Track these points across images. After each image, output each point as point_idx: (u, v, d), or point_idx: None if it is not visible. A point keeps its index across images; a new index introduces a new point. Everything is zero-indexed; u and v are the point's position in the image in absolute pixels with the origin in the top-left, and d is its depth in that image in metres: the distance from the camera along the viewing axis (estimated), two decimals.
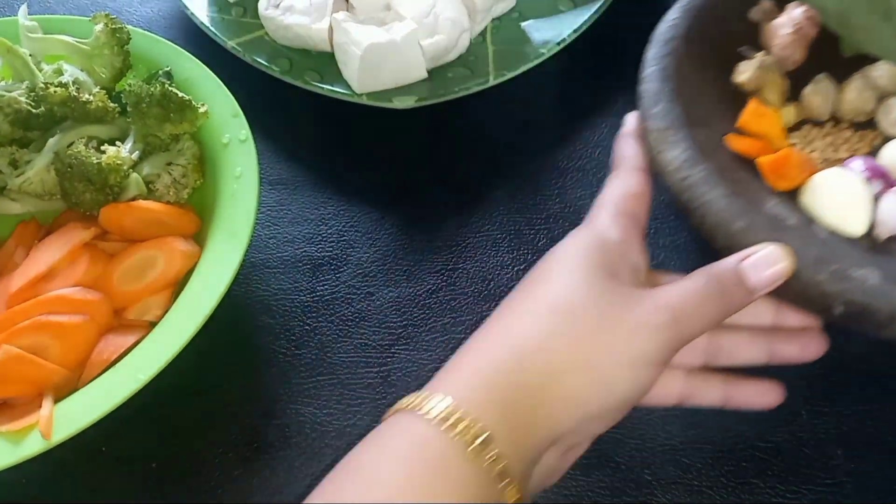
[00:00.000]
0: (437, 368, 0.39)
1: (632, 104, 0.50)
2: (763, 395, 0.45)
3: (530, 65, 0.64)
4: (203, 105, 0.58)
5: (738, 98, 0.52)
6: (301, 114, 0.67)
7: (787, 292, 0.42)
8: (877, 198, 0.47)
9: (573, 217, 0.62)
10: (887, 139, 0.50)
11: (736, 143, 0.49)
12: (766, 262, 0.40)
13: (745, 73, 0.52)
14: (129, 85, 0.56)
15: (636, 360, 0.37)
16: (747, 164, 0.49)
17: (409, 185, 0.65)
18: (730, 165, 0.48)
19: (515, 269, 0.59)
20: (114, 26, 0.59)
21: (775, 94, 0.52)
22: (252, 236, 0.52)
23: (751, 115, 0.50)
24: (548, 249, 0.43)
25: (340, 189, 0.64)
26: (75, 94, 0.55)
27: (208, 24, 0.68)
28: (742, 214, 0.43)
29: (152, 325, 0.51)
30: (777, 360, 0.45)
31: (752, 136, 0.50)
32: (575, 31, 0.66)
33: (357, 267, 0.59)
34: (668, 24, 0.53)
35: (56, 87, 0.54)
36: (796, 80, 0.53)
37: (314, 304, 0.58)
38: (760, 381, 0.45)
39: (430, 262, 0.60)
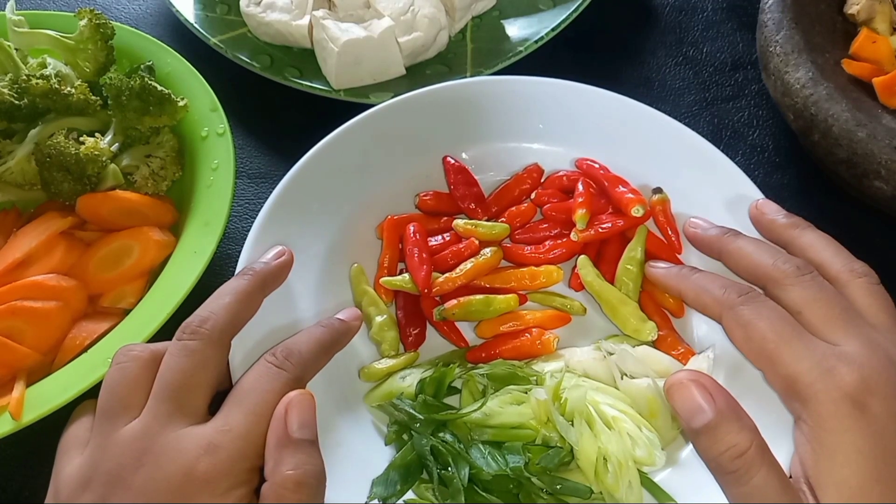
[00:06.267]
0: None
1: None
2: None
3: (506, 63, 0.65)
4: (182, 99, 0.59)
5: (849, 28, 0.61)
6: (281, 109, 0.69)
7: None
8: None
9: None
10: None
11: (851, 66, 0.58)
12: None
13: (856, 4, 0.59)
14: (110, 78, 0.57)
15: None
16: (861, 86, 0.57)
17: None
18: (846, 86, 0.56)
19: None
20: (98, 22, 0.60)
21: (885, 24, 0.59)
22: (227, 228, 0.53)
23: (863, 42, 0.58)
24: None
25: None
26: (56, 86, 0.56)
27: (193, 22, 0.69)
28: (864, 124, 0.52)
29: (126, 312, 0.52)
30: None
31: (864, 60, 0.58)
32: (553, 29, 0.67)
33: None
34: None
35: (38, 79, 0.56)
36: None
37: None
38: None
39: None
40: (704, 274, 0.46)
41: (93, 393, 0.45)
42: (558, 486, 0.42)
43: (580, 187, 0.53)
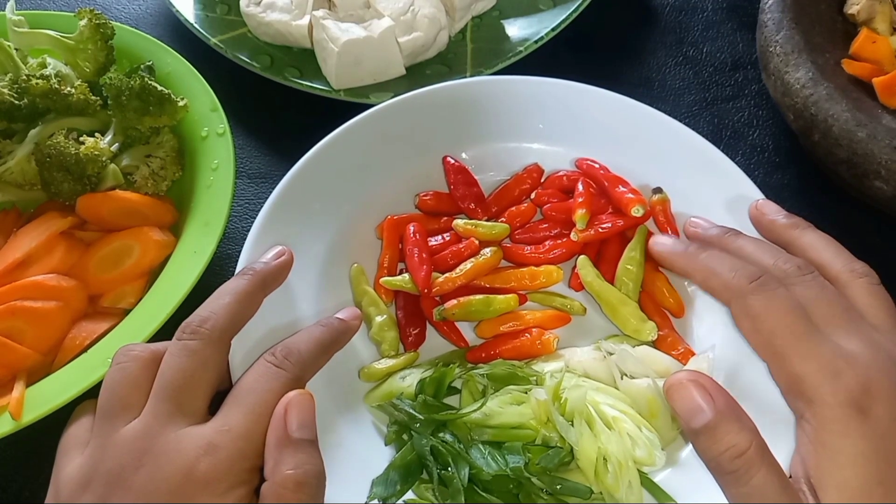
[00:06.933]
0: None
1: None
2: None
3: (506, 63, 0.65)
4: (182, 99, 0.59)
5: (849, 28, 0.61)
6: (281, 109, 0.69)
7: None
8: None
9: None
10: None
11: (851, 67, 0.58)
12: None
13: (856, 4, 0.59)
14: (110, 78, 0.57)
15: None
16: (862, 86, 0.57)
17: None
18: (846, 86, 0.56)
19: None
20: (98, 22, 0.60)
21: (885, 24, 0.59)
22: (227, 228, 0.53)
23: (863, 42, 0.58)
24: None
25: None
26: (56, 86, 0.56)
27: (193, 22, 0.69)
28: (864, 125, 0.52)
29: (126, 312, 0.52)
30: None
31: (865, 61, 0.58)
32: (553, 29, 0.67)
33: None
34: None
35: (38, 79, 0.56)
36: None
37: None
38: None
39: None
40: (712, 254, 0.45)
41: (93, 393, 0.45)
42: (558, 487, 0.42)
43: (580, 187, 0.53)
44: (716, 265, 0.44)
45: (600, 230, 0.51)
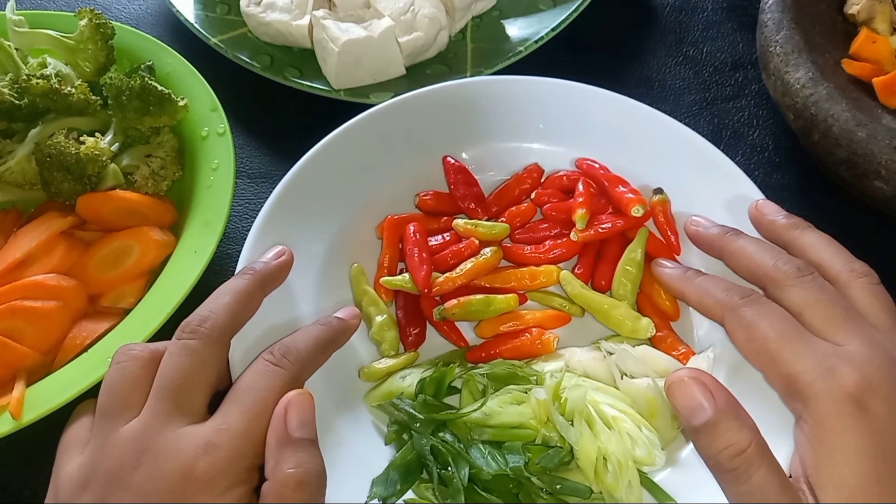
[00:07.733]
0: None
1: None
2: None
3: (506, 63, 0.65)
4: (183, 99, 0.59)
5: (849, 28, 0.61)
6: (281, 109, 0.69)
7: None
8: None
9: None
10: None
11: (851, 66, 0.58)
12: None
13: (856, 4, 0.59)
14: (110, 78, 0.57)
15: None
16: (861, 86, 0.57)
17: None
18: (846, 86, 0.56)
19: None
20: (98, 21, 0.61)
21: (885, 24, 0.59)
22: (227, 227, 0.53)
23: (863, 42, 0.58)
24: None
25: None
26: (57, 86, 0.56)
27: (193, 22, 0.69)
28: (864, 124, 0.52)
29: (126, 312, 0.52)
30: None
31: (865, 61, 0.58)
32: (553, 29, 0.67)
33: None
34: None
35: (38, 79, 0.56)
36: None
37: None
38: None
39: None
40: (708, 277, 0.47)
41: (93, 392, 0.45)
42: (558, 486, 0.42)
43: (580, 187, 0.53)
44: (710, 286, 0.45)
45: (600, 230, 0.51)
